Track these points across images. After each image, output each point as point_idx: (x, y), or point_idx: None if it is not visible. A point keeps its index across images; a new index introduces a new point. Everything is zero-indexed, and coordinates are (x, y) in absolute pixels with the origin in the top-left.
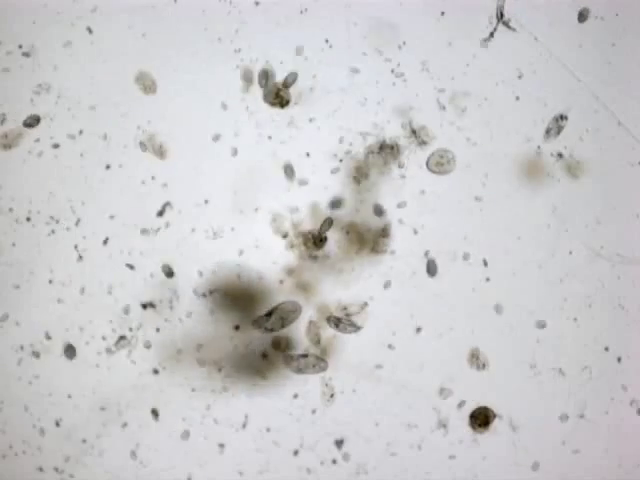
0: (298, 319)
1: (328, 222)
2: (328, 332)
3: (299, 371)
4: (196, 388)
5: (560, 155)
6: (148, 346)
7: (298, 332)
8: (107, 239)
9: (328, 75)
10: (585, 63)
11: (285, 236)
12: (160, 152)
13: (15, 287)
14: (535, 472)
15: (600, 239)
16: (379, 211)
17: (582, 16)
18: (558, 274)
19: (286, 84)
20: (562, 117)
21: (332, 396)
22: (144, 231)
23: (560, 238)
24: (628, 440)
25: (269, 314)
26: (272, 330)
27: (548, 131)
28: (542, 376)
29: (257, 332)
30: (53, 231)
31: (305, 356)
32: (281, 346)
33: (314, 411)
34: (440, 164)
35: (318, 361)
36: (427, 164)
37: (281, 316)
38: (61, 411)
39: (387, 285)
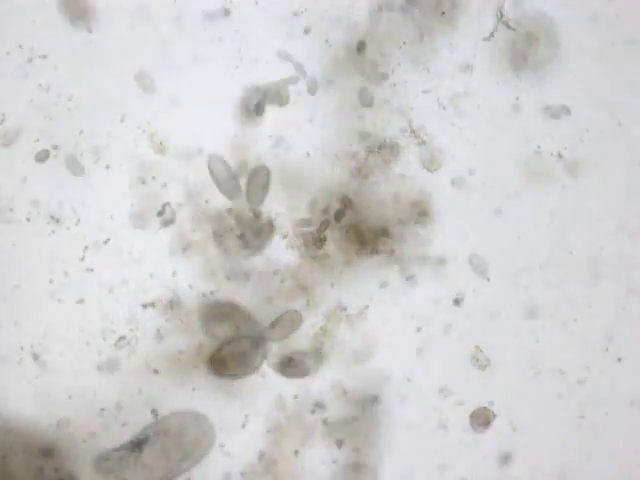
0: (300, 328)
1: (325, 223)
2: (329, 334)
3: (294, 375)
4: (196, 388)
5: (560, 155)
6: (148, 346)
7: (297, 335)
8: (107, 239)
9: (328, 75)
10: (585, 63)
11: (285, 236)
12: (160, 152)
13: (15, 287)
14: (535, 472)
15: (600, 239)
16: (378, 211)
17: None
18: (558, 274)
19: (286, 85)
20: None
21: (331, 396)
22: (144, 231)
23: (560, 238)
24: (628, 440)
25: (273, 325)
26: (274, 340)
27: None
28: (542, 376)
29: (257, 334)
30: (53, 231)
31: (301, 360)
32: (279, 349)
33: (314, 411)
34: (433, 160)
35: (315, 365)
36: (423, 162)
37: (284, 328)
38: (61, 411)
39: (387, 285)
